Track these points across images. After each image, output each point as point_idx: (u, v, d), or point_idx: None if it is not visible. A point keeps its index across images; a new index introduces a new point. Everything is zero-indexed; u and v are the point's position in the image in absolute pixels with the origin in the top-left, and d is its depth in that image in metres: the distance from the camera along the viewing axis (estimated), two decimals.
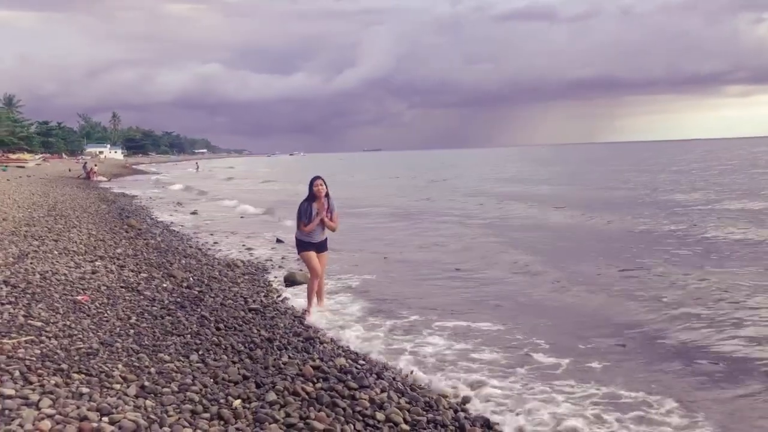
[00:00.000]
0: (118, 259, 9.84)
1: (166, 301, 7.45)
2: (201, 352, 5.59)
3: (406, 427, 4.39)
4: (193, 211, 21.42)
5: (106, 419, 3.66)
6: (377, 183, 43.19)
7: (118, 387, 4.35)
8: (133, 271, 8.99)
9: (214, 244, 13.41)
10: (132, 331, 6.01)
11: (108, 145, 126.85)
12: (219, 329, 6.44)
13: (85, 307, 6.54)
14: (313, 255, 7.62)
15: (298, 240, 7.74)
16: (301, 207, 7.63)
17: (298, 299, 8.21)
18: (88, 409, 3.75)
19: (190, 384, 4.67)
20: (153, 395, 4.34)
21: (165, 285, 8.33)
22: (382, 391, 4.91)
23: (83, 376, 4.43)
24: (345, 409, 4.52)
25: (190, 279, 8.96)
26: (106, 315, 6.40)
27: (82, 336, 5.48)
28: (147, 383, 4.52)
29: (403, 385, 5.22)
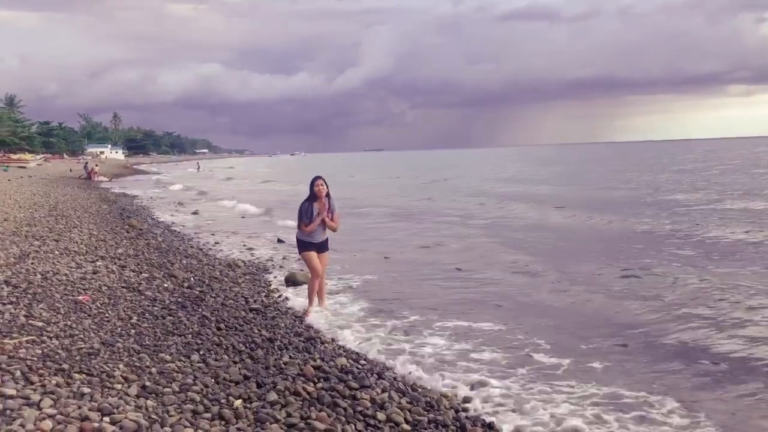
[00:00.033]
0: (119, 259, 9.84)
1: (167, 301, 7.45)
2: (202, 352, 5.60)
3: (407, 427, 4.39)
4: (194, 212, 21.44)
5: (107, 419, 3.67)
6: (378, 183, 43.21)
7: (119, 387, 4.35)
8: (134, 271, 9.00)
9: (215, 244, 13.41)
10: (133, 331, 6.01)
11: (109, 146, 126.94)
12: (220, 329, 6.45)
13: (86, 307, 6.55)
14: (313, 255, 7.62)
15: (299, 240, 7.74)
16: (302, 207, 7.64)
17: (298, 299, 8.21)
18: (90, 409, 3.75)
19: (192, 384, 4.67)
20: (154, 395, 4.35)
21: (166, 285, 8.34)
22: (383, 391, 4.91)
23: (84, 376, 4.44)
24: (346, 409, 4.52)
25: (191, 279, 8.96)
26: (107, 315, 6.40)
27: (83, 336, 5.48)
28: (148, 383, 4.53)
29: (404, 385, 5.22)
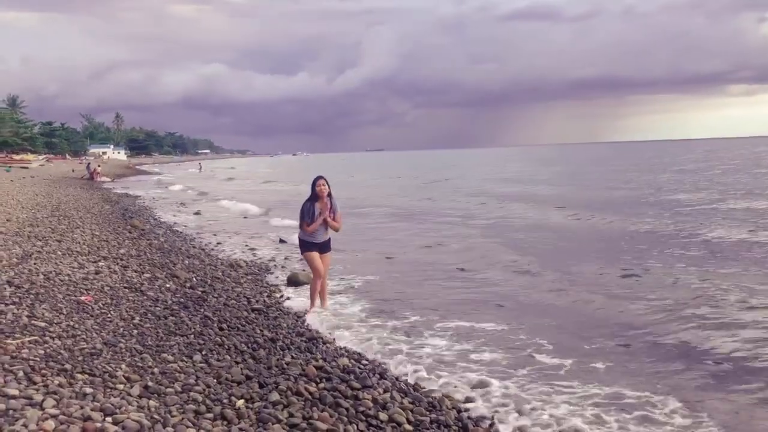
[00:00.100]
0: (122, 259, 9.85)
1: (170, 302, 7.46)
2: (204, 353, 5.60)
3: (409, 427, 4.39)
4: (196, 212, 21.46)
5: (109, 419, 3.67)
6: (379, 183, 43.20)
7: (121, 387, 4.36)
8: (136, 271, 9.01)
9: (218, 244, 13.42)
10: (135, 331, 6.02)
11: (111, 146, 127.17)
12: (222, 329, 6.45)
13: (89, 307, 6.56)
14: (315, 255, 7.63)
15: (301, 240, 7.74)
16: (303, 207, 7.64)
17: (300, 299, 8.22)
18: (92, 409, 3.76)
19: (194, 384, 4.68)
20: (156, 395, 4.35)
21: (168, 285, 8.34)
22: (385, 391, 4.91)
23: (87, 377, 4.44)
24: (348, 409, 4.52)
25: (194, 279, 8.97)
26: (109, 315, 6.41)
27: (85, 336, 5.49)
28: (150, 383, 4.54)
29: (406, 385, 5.22)
